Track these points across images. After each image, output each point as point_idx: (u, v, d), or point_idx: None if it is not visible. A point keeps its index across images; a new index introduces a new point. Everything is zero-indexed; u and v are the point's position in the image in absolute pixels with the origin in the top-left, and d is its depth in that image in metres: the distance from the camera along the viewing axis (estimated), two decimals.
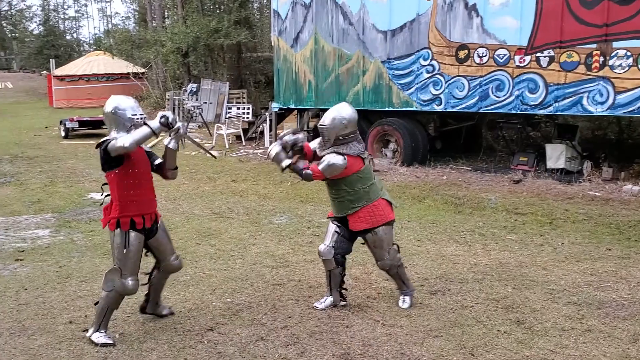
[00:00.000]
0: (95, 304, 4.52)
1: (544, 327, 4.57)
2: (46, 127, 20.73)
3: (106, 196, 4.46)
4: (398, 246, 5.02)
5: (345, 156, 4.61)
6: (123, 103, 4.39)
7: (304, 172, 4.66)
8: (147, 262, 4.67)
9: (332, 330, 4.56)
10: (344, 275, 4.99)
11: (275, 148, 4.73)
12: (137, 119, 4.34)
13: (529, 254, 6.44)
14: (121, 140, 4.14)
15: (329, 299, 5.00)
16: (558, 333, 4.46)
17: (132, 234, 4.33)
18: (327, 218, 5.08)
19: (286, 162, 4.69)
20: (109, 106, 4.38)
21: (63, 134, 17.95)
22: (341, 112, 4.72)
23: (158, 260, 4.70)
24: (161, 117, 4.24)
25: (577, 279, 5.62)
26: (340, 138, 4.68)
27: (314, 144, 4.94)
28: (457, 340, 4.36)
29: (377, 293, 5.32)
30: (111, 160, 4.27)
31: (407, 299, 5.00)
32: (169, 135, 4.41)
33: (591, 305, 4.98)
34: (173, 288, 5.47)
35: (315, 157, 4.90)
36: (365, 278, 5.71)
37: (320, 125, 4.77)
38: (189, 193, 9.77)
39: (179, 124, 4.34)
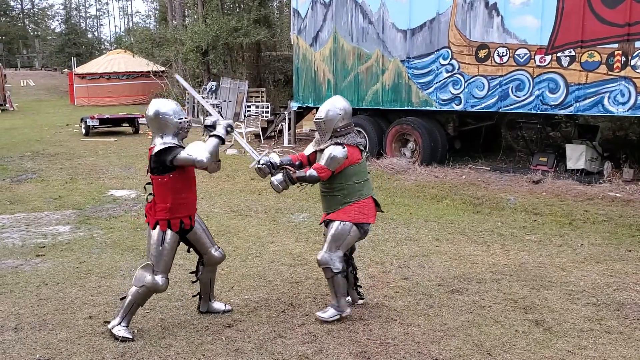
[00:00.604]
0: (122, 298, 4.58)
1: (563, 327, 4.54)
2: (67, 125, 20.99)
3: (149, 195, 4.49)
4: (350, 259, 4.87)
5: (345, 146, 4.58)
6: (165, 107, 4.41)
7: (307, 175, 4.61)
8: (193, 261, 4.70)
9: (349, 329, 4.57)
10: (356, 272, 4.99)
11: (275, 180, 4.64)
12: (184, 122, 4.42)
13: (548, 254, 6.39)
14: (198, 155, 4.19)
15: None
16: (577, 334, 4.43)
17: (169, 232, 4.40)
18: (320, 224, 5.01)
19: (279, 178, 4.62)
20: (151, 110, 4.41)
21: (84, 131, 18.15)
22: (336, 104, 4.70)
23: (200, 254, 4.77)
24: (227, 126, 4.43)
25: (596, 280, 5.57)
26: (338, 130, 4.65)
27: (309, 150, 4.92)
28: (475, 340, 4.34)
29: (395, 292, 5.32)
30: (166, 165, 4.30)
31: (328, 310, 4.69)
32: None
33: (610, 306, 4.94)
34: (192, 285, 5.51)
35: (314, 160, 4.85)
36: (383, 277, 5.71)
37: (317, 118, 4.73)
38: (208, 191, 9.83)
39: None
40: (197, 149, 4.22)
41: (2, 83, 28.82)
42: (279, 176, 4.66)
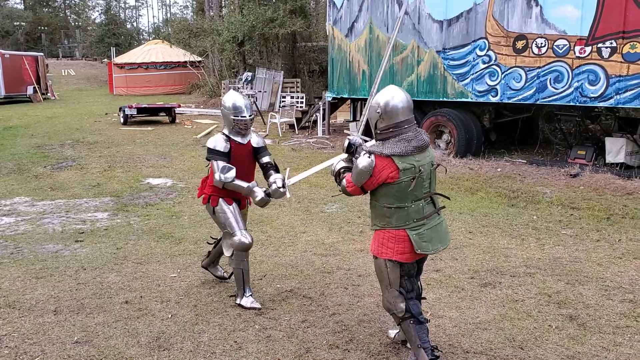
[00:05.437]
0: (230, 276, 5.26)
1: (598, 324, 4.47)
2: (106, 114, 21.36)
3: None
4: (404, 295, 3.76)
5: (373, 155, 3.63)
6: (230, 101, 4.80)
7: (341, 183, 3.92)
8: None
9: (380, 319, 4.58)
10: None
11: (338, 161, 4.08)
12: (239, 119, 4.73)
13: (584, 249, 6.29)
14: (218, 176, 4.67)
15: None
16: (612, 330, 4.35)
17: (222, 201, 4.84)
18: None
19: (340, 165, 4.02)
20: (224, 102, 4.86)
21: (122, 120, 18.44)
22: (380, 97, 3.76)
23: None
24: (265, 194, 4.74)
25: (634, 276, 5.46)
26: (378, 132, 3.77)
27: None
28: (507, 334, 4.31)
29: (426, 284, 5.29)
30: None
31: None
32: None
33: None
34: (226, 273, 5.59)
35: None
36: None
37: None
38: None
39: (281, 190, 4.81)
40: None
41: (45, 72, 29.47)
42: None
